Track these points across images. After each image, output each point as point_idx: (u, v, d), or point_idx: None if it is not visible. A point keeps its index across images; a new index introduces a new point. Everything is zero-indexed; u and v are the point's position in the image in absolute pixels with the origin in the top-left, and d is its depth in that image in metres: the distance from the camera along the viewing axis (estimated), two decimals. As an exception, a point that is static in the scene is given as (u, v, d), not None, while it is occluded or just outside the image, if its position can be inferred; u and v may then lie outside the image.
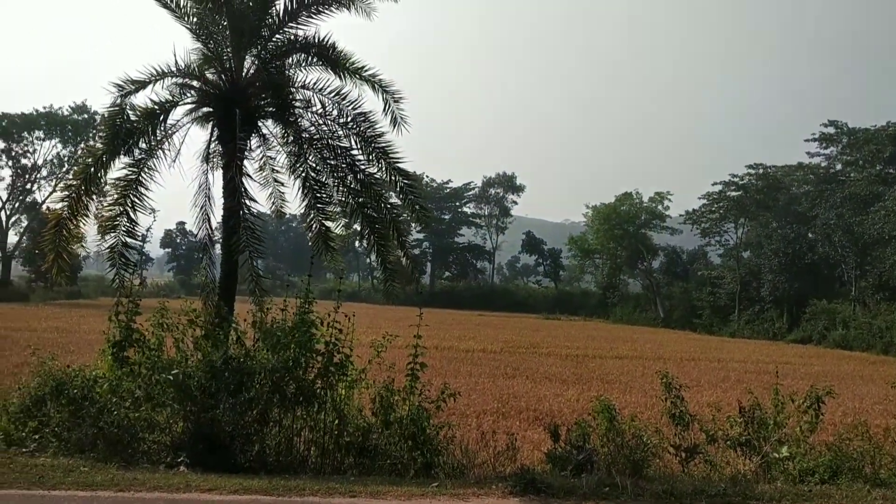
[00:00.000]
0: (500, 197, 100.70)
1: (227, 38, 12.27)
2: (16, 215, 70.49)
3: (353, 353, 8.99)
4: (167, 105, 11.72)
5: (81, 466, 7.73)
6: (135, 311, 9.49)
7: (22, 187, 70.24)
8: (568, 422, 10.47)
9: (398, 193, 12.62)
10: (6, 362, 17.00)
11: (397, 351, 9.55)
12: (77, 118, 69.73)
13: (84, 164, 12.07)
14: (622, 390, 19.24)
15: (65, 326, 30.54)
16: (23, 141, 69.43)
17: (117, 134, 11.59)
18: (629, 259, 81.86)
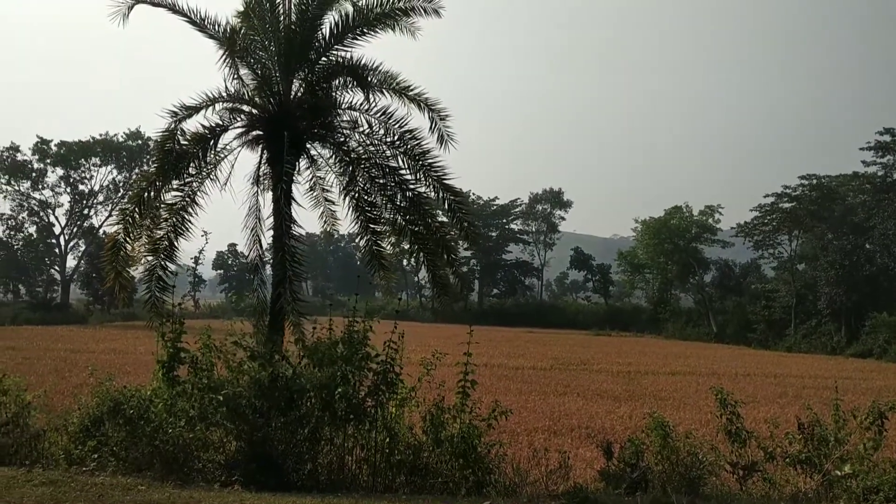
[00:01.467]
0: (547, 213, 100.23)
1: (274, 63, 12.51)
2: (74, 240, 72.59)
3: (403, 371, 8.98)
4: (217, 129, 11.97)
5: (139, 485, 7.86)
6: (181, 331, 9.61)
7: (80, 213, 72.35)
8: (621, 439, 10.32)
9: (446, 211, 12.65)
10: (66, 383, 17.42)
11: (447, 369, 9.52)
12: (132, 144, 71.69)
13: (138, 188, 12.38)
14: (675, 407, 18.90)
15: (121, 348, 31.21)
16: (80, 168, 71.64)
17: (169, 158, 11.87)
18: (680, 273, 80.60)
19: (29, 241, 72.26)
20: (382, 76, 12.49)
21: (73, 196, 72.19)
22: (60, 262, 73.10)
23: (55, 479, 7.92)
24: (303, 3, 12.40)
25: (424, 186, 12.40)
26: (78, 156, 70.98)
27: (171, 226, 11.80)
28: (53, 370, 21.27)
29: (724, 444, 9.23)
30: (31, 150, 70.65)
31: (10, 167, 69.76)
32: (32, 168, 70.77)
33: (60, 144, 71.09)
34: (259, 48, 12.69)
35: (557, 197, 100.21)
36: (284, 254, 11.97)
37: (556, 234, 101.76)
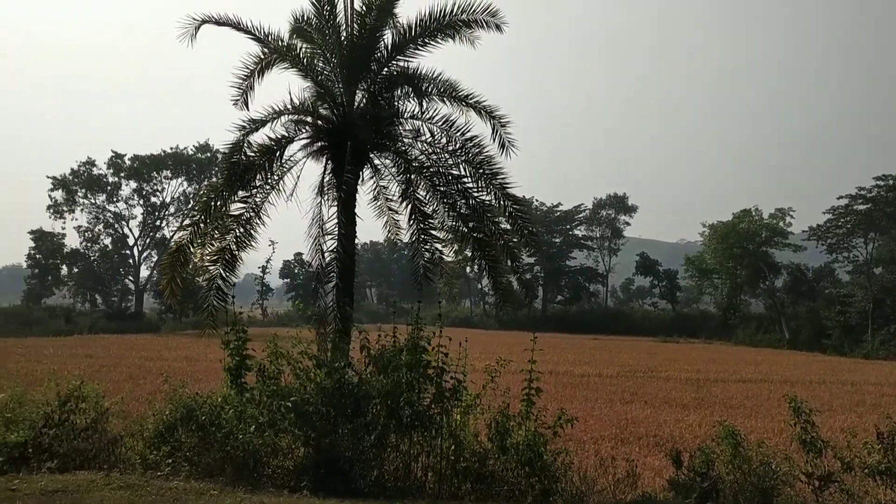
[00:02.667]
0: (611, 218, 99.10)
1: (337, 75, 12.72)
2: (147, 251, 74.93)
3: (467, 378, 8.99)
4: (283, 141, 12.22)
5: (211, 490, 8.06)
6: (245, 339, 9.79)
7: (152, 224, 74.67)
8: (690, 448, 10.11)
9: (508, 218, 12.64)
10: (141, 390, 17.93)
11: (511, 376, 9.49)
12: (200, 157, 73.69)
13: (206, 198, 12.71)
14: (746, 415, 18.42)
15: (192, 355, 31.95)
16: (152, 180, 73.97)
17: (236, 169, 12.17)
18: (750, 278, 78.59)
19: (105, 253, 74.85)
20: (443, 85, 12.58)
21: (145, 208, 74.63)
22: (134, 273, 75.56)
23: (132, 483, 8.18)
24: (364, 16, 12.58)
25: (486, 194, 12.42)
26: (150, 169, 73.34)
27: (235, 237, 12.06)
28: (129, 377, 21.89)
29: (799, 453, 8.96)
30: (107, 164, 73.36)
31: (87, 181, 72.52)
32: (108, 182, 73.42)
33: (133, 158, 73.60)
34: (321, 61, 12.92)
35: (622, 202, 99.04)
36: (346, 262, 12.15)
37: (620, 240, 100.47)
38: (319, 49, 12.86)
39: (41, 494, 7.73)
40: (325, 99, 12.70)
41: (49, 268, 74.65)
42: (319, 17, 12.84)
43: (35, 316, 63.04)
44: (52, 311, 65.82)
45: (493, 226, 12.58)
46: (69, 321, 60.52)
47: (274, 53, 12.61)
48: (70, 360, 27.44)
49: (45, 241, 73.68)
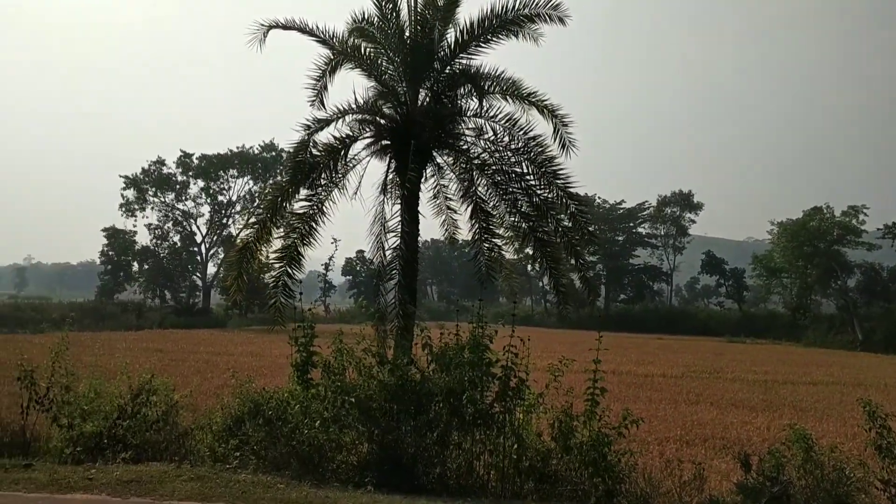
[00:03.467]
0: (676, 216, 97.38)
1: (400, 74, 12.81)
2: (214, 248, 76.75)
3: (530, 377, 8.95)
4: (347, 140, 12.37)
5: (278, 483, 8.22)
6: (312, 335, 9.92)
7: (219, 222, 76.46)
8: (759, 451, 9.88)
9: (569, 216, 12.54)
10: (209, 384, 18.34)
11: (574, 375, 9.42)
12: (266, 156, 75.11)
13: (272, 196, 12.95)
14: (818, 418, 17.90)
15: (258, 351, 32.56)
16: (219, 179, 75.75)
17: (301, 168, 12.36)
18: (821, 278, 76.24)
19: (174, 250, 76.93)
20: (505, 83, 12.56)
21: (212, 206, 76.45)
22: (202, 269, 77.51)
23: (202, 475, 8.39)
24: (426, 15, 12.63)
25: (548, 192, 12.35)
26: (217, 168, 75.11)
27: (299, 234, 12.24)
28: (197, 372, 22.41)
29: (874, 459, 8.65)
30: (176, 163, 75.44)
31: (157, 180, 74.69)
32: (176, 180, 75.48)
33: (201, 158, 75.48)
34: (384, 60, 13.03)
35: (687, 199, 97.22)
36: (408, 260, 12.24)
37: (685, 238, 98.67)
38: (382, 49, 12.98)
39: (116, 484, 7.99)
40: (389, 98, 12.81)
41: (121, 264, 77.24)
42: (382, 17, 12.95)
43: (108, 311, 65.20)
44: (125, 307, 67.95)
45: (554, 224, 12.50)
46: (140, 316, 62.37)
47: (340, 54, 12.77)
48: (141, 354, 28.24)
49: (118, 238, 76.25)
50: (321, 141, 12.41)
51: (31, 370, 9.99)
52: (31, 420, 9.94)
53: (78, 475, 8.33)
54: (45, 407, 9.88)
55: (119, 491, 7.78)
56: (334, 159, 12.29)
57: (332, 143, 12.31)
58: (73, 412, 9.70)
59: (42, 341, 10.44)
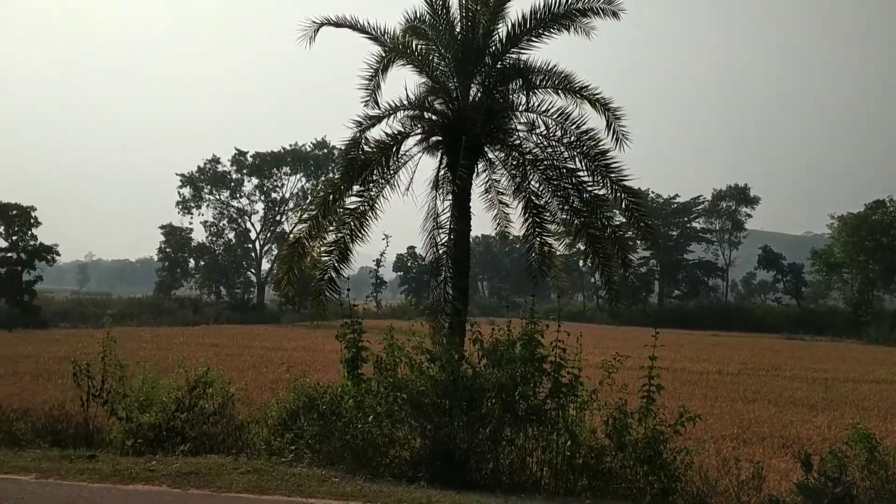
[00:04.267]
0: (731, 210, 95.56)
1: (451, 70, 12.80)
2: (268, 245, 77.94)
3: (582, 373, 8.88)
4: (399, 136, 12.40)
5: (333, 477, 8.32)
6: (360, 330, 9.96)
7: (272, 219, 77.61)
8: (819, 451, 9.64)
9: (622, 211, 12.40)
10: (264, 378, 18.64)
11: (627, 372, 9.31)
12: (318, 153, 75.97)
13: (324, 192, 13.05)
14: (881, 418, 17.39)
15: (310, 346, 32.93)
16: (273, 177, 76.88)
17: (353, 165, 12.45)
18: (884, 273, 73.98)
19: (229, 246, 78.35)
20: (557, 77, 12.45)
21: (266, 203, 77.67)
22: (256, 266, 78.84)
23: (258, 468, 8.54)
24: (476, 11, 12.60)
25: (601, 187, 12.23)
26: (270, 166, 76.26)
27: (349, 230, 12.32)
28: (252, 366, 22.79)
29: (942, 460, 8.38)
30: (230, 161, 76.80)
31: (212, 178, 76.15)
32: (231, 178, 76.83)
33: (255, 155, 76.68)
34: (435, 56, 13.04)
35: (743, 193, 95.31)
36: (460, 256, 12.24)
37: (741, 233, 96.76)
38: (434, 45, 12.99)
39: (176, 476, 8.19)
40: (440, 94, 12.81)
41: (178, 261, 79.09)
42: (433, 13, 12.96)
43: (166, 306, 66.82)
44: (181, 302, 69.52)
45: (606, 220, 12.37)
46: (196, 312, 63.71)
47: (392, 51, 12.82)
48: (198, 348, 28.83)
49: (175, 235, 78.07)
50: (373, 138, 12.47)
51: (87, 364, 10.28)
52: (91, 412, 10.23)
53: (139, 466, 8.55)
54: (104, 399, 10.17)
55: (179, 482, 7.97)
56: (386, 155, 12.34)
57: (384, 139, 12.36)
58: (131, 404, 9.95)
59: (102, 336, 10.72)
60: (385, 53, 12.86)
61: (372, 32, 12.86)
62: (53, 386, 16.19)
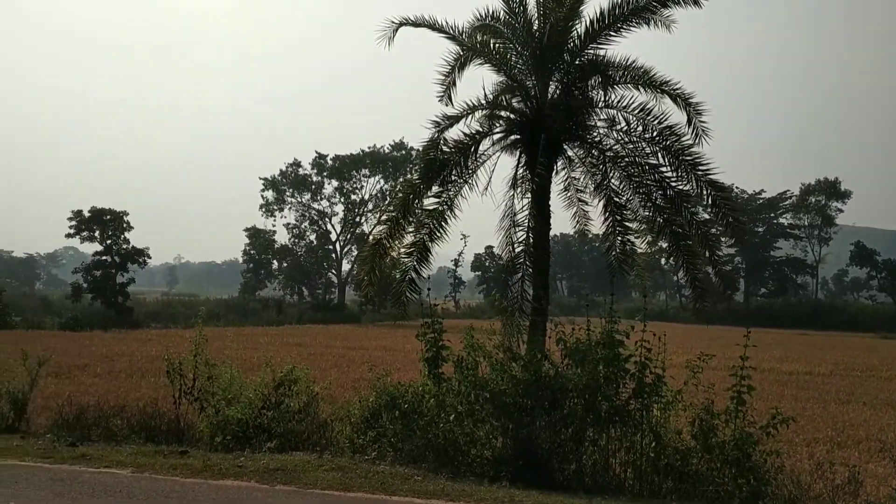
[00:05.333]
0: (821, 205, 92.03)
1: (529, 68, 12.74)
2: (348, 246, 79.23)
3: (666, 373, 8.70)
4: (477, 136, 12.41)
5: (415, 475, 8.38)
6: (441, 330, 9.95)
7: (352, 220, 78.88)
8: (921, 455, 9.19)
9: (707, 207, 12.11)
10: (346, 377, 18.93)
11: (712, 372, 9.09)
12: (396, 154, 76.81)
13: (403, 193, 13.18)
14: None
15: (391, 345, 33.30)
16: (352, 179, 78.12)
17: (431, 165, 12.53)
18: None
19: (310, 248, 80.00)
20: (636, 72, 12.25)
21: (346, 205, 79.00)
22: (337, 266, 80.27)
23: (342, 466, 8.68)
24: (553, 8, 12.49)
25: (684, 183, 11.97)
26: (350, 168, 77.55)
27: (429, 230, 12.39)
28: (334, 365, 23.17)
29: None
30: (311, 164, 78.46)
31: (294, 181, 77.94)
32: (312, 181, 78.48)
33: (335, 158, 78.09)
34: (513, 54, 13.01)
35: (833, 187, 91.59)
36: (540, 255, 12.16)
37: (832, 228, 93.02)
38: (511, 43, 12.97)
39: (264, 472, 8.40)
40: (518, 92, 12.77)
41: (262, 262, 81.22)
42: (509, 12, 12.93)
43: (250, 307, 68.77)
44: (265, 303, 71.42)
45: (689, 216, 12.09)
46: (280, 312, 65.32)
47: (469, 50, 12.85)
48: (282, 348, 29.50)
49: (259, 237, 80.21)
50: (451, 138, 12.52)
51: (179, 363, 10.64)
52: (182, 409, 10.58)
53: (228, 462, 8.80)
54: (194, 397, 10.52)
55: (267, 478, 8.17)
56: (464, 155, 12.37)
57: (462, 139, 12.39)
58: (219, 402, 10.25)
59: (191, 336, 11.09)
60: (462, 52, 12.89)
61: (450, 32, 12.92)
62: (147, 384, 16.83)
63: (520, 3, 12.81)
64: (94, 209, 56.85)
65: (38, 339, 31.41)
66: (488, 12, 13.09)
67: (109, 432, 10.48)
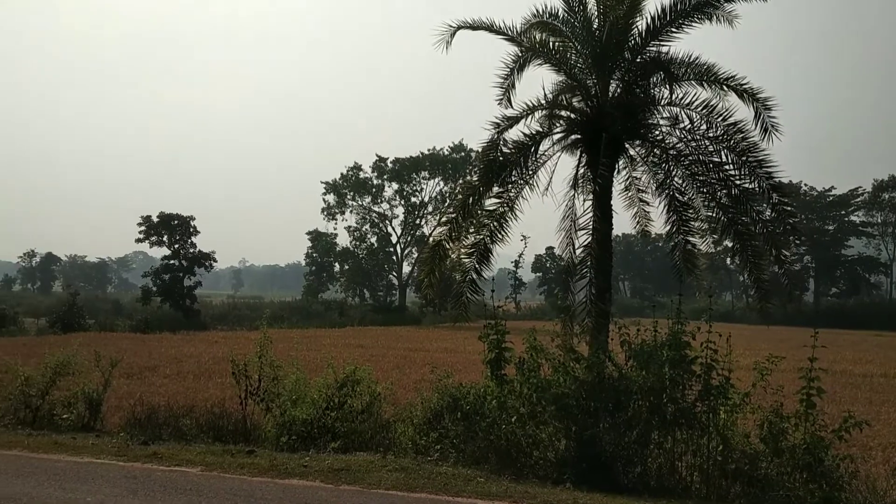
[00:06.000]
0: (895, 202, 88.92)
1: (589, 66, 12.64)
2: (408, 248, 79.72)
3: (733, 375, 8.52)
4: (538, 136, 12.38)
5: (478, 477, 8.38)
6: (503, 331, 9.92)
7: (412, 223, 79.31)
8: None
9: (772, 207, 11.84)
10: (407, 378, 19.05)
11: (781, 374, 8.86)
12: (455, 156, 76.97)
13: (463, 195, 13.21)
14: None
15: (451, 347, 33.35)
16: (412, 181, 78.56)
17: (491, 166, 12.54)
18: None
19: (371, 251, 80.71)
20: (700, 68, 12.06)
21: (406, 208, 79.44)
22: (397, 269, 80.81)
23: (406, 466, 8.73)
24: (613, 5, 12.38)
25: (749, 182, 11.73)
26: (409, 171, 78.00)
27: (489, 231, 12.38)
28: (396, 366, 23.33)
29: None
30: (371, 168, 79.14)
31: (355, 184, 78.74)
32: (372, 184, 79.16)
33: (395, 161, 78.66)
34: (572, 53, 12.93)
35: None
36: (602, 256, 12.05)
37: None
38: (570, 42, 12.90)
39: (328, 472, 8.51)
40: (578, 91, 12.70)
41: (324, 265, 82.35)
42: (569, 10, 12.87)
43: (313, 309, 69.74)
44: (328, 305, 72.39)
45: (754, 215, 11.84)
46: (342, 314, 66.10)
47: (528, 51, 12.83)
48: (344, 349, 29.82)
49: (320, 241, 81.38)
50: (510, 139, 12.53)
51: (245, 364, 10.86)
52: (248, 410, 10.80)
53: (294, 462, 8.94)
54: (260, 397, 10.72)
55: (331, 478, 8.27)
56: (524, 156, 12.35)
57: (522, 139, 12.37)
58: (284, 403, 10.43)
59: (256, 337, 11.32)
60: (521, 53, 12.88)
61: (508, 33, 12.93)
62: (214, 384, 17.23)
63: (579, 2, 12.72)
64: (162, 214, 58.46)
65: (111, 340, 32.43)
66: (545, 9, 13.05)
67: (179, 431, 10.76)
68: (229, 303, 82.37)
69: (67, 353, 11.92)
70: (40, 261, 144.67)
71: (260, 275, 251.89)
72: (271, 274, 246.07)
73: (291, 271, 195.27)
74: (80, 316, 46.91)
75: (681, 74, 12.04)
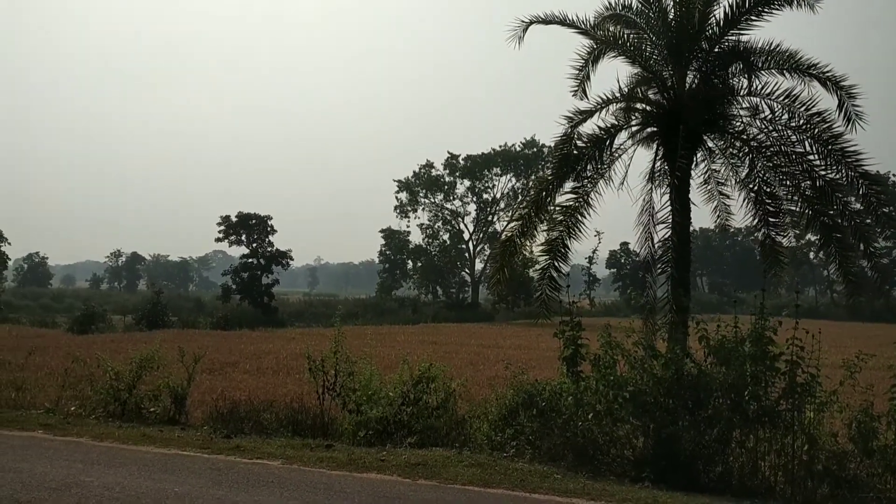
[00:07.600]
0: None
1: (665, 58, 12.41)
2: (480, 245, 79.68)
3: (820, 373, 8.24)
4: (612, 130, 12.22)
5: (555, 474, 8.33)
6: (579, 328, 9.83)
7: (484, 219, 79.23)
8: None
9: (859, 198, 11.39)
10: (481, 375, 19.06)
11: (871, 372, 8.54)
12: (527, 152, 76.56)
13: (535, 191, 13.15)
14: None
15: (525, 344, 33.18)
16: (484, 178, 78.49)
17: (565, 161, 12.43)
18: None
19: (443, 248, 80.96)
20: (781, 56, 11.69)
21: (478, 205, 79.40)
22: (470, 265, 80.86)
23: (481, 462, 8.74)
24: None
25: (834, 172, 11.32)
26: (481, 167, 77.90)
27: (565, 227, 12.27)
28: (469, 363, 23.37)
29: None
30: (443, 165, 79.43)
31: (427, 182, 79.15)
32: (444, 181, 79.40)
33: (467, 158, 78.72)
34: (648, 45, 12.71)
35: None
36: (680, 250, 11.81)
37: None
38: (645, 33, 12.68)
39: (405, 466, 8.59)
40: (654, 83, 12.48)
41: (397, 263, 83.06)
42: (644, 1, 12.66)
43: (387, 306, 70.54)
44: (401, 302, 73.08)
45: (841, 207, 11.42)
46: (415, 311, 66.59)
47: (602, 43, 12.67)
48: (418, 346, 30.01)
49: (394, 238, 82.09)
50: (585, 132, 12.41)
51: (322, 360, 11.05)
52: (325, 405, 10.99)
53: (371, 456, 9.07)
54: (337, 393, 10.89)
55: (408, 473, 8.36)
56: (599, 149, 12.21)
57: (598, 133, 12.24)
58: (360, 398, 10.57)
59: (332, 334, 11.51)
60: (595, 46, 12.73)
61: (581, 26, 12.80)
62: (292, 380, 17.58)
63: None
64: (240, 214, 59.91)
65: (193, 337, 33.42)
66: (619, 1, 12.87)
67: (260, 425, 11.03)
68: (305, 300, 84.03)
69: (151, 348, 12.34)
70: (126, 260, 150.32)
71: (334, 273, 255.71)
72: (345, 272, 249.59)
73: (365, 269, 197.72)
74: (163, 313, 48.48)
75: (760, 63, 11.70)
